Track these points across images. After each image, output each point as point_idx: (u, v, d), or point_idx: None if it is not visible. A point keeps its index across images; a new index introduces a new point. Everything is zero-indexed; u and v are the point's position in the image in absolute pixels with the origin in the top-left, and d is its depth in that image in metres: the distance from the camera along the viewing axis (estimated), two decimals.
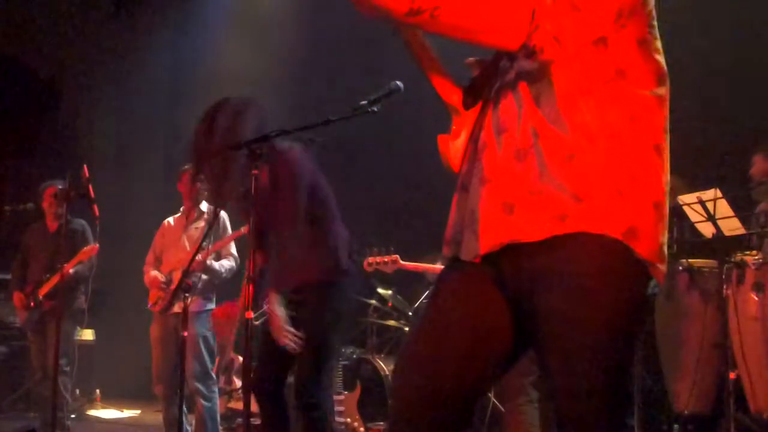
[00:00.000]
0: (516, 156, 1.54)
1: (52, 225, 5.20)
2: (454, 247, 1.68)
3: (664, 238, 1.56)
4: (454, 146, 1.80)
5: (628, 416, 1.51)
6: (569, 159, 1.49)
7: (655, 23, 1.62)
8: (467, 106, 1.76)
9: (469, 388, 1.64)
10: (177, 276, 4.35)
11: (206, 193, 4.43)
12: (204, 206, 4.76)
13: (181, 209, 4.83)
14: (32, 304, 5.05)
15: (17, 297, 5.14)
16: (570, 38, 1.50)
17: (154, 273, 4.60)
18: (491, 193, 1.56)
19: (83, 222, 5.14)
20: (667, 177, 1.58)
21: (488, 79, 1.71)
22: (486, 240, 1.56)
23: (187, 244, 4.66)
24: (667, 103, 1.61)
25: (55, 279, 4.95)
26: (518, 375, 3.38)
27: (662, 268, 1.55)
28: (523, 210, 1.51)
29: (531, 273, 1.52)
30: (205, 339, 4.55)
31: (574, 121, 1.51)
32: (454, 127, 1.81)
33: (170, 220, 4.83)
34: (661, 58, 1.61)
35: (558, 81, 1.53)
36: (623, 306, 1.50)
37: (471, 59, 1.82)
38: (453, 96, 1.81)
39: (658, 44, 1.62)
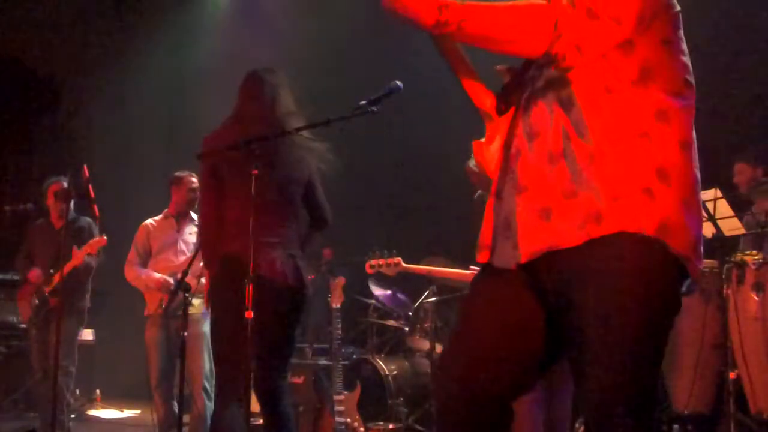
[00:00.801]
0: (549, 160, 1.58)
1: (57, 222, 5.18)
2: (488, 254, 1.71)
3: (699, 233, 1.58)
4: (489, 152, 1.83)
5: (656, 411, 1.57)
6: (597, 161, 1.53)
7: (681, 25, 1.64)
8: (500, 112, 1.80)
9: (507, 390, 1.69)
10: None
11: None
12: (194, 215, 4.77)
13: (164, 212, 4.81)
14: (36, 300, 5.06)
15: (24, 292, 5.14)
16: (591, 46, 1.54)
17: (159, 275, 4.58)
18: (527, 200, 1.60)
19: (89, 219, 5.13)
20: (696, 173, 1.60)
21: (519, 86, 1.75)
22: (526, 248, 1.60)
23: (184, 248, 4.66)
24: (693, 101, 1.63)
25: (56, 277, 4.95)
26: None
27: (698, 264, 1.57)
28: (559, 215, 1.55)
29: (568, 274, 1.55)
30: (207, 338, 4.56)
31: (600, 123, 1.55)
32: (488, 133, 1.84)
33: (152, 222, 4.80)
34: (687, 59, 1.64)
35: (582, 85, 1.58)
36: (655, 303, 1.54)
37: (501, 66, 1.86)
38: (486, 102, 1.85)
39: (684, 46, 1.64)
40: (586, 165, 1.53)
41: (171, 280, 4.50)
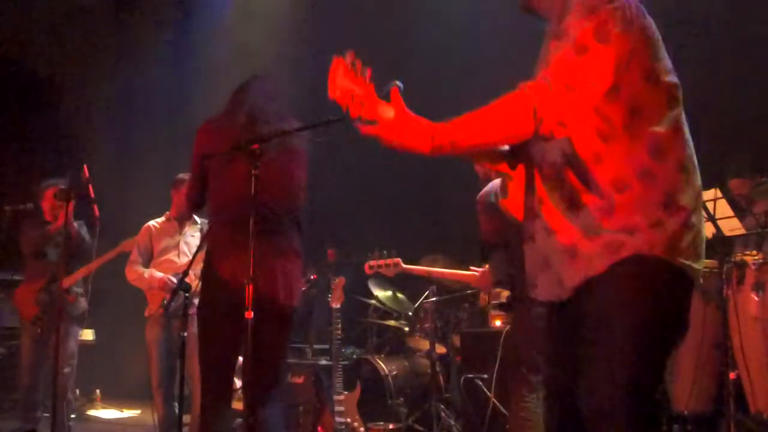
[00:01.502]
0: (569, 208, 1.75)
1: (54, 225, 5.20)
2: (532, 289, 1.91)
3: (693, 238, 1.73)
4: (514, 204, 2.01)
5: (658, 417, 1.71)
6: (608, 209, 1.70)
7: (659, 45, 1.76)
8: (513, 166, 2.00)
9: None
10: None
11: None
12: (197, 218, 4.79)
13: (166, 215, 4.83)
14: (45, 299, 5.09)
15: (25, 291, 5.17)
16: (574, 116, 1.69)
17: (162, 275, 4.59)
18: (558, 242, 1.77)
19: (80, 221, 5.16)
20: (695, 185, 1.76)
21: (525, 144, 1.89)
22: (568, 283, 1.77)
23: (186, 250, 4.67)
24: (682, 118, 1.77)
25: (81, 273, 5.11)
26: (523, 368, 3.40)
27: (696, 265, 1.73)
28: (587, 251, 1.72)
29: (587, 291, 1.74)
30: None
31: (603, 173, 1.71)
32: (510, 192, 2.04)
33: (154, 224, 4.81)
34: (670, 77, 1.75)
35: (580, 140, 1.73)
36: (657, 308, 1.69)
37: None
38: (502, 164, 2.05)
39: (665, 63, 1.75)
40: (600, 214, 1.71)
41: (174, 280, 4.51)
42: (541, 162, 1.84)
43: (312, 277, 5.52)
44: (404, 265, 4.20)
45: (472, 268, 3.89)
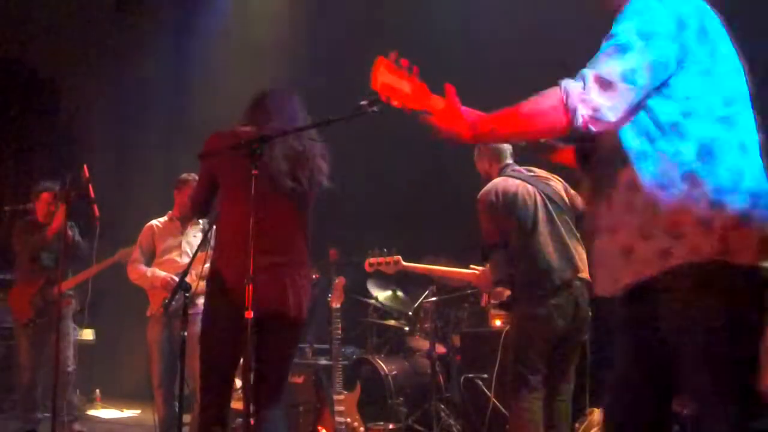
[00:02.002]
0: (626, 209, 1.79)
1: (51, 228, 5.21)
2: (594, 283, 1.98)
3: (750, 236, 1.72)
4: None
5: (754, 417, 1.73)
6: (656, 210, 1.73)
7: (720, 41, 1.78)
8: (581, 161, 2.08)
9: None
10: None
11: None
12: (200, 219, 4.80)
13: (168, 214, 4.83)
14: (40, 302, 5.10)
15: (20, 292, 5.17)
16: (612, 113, 1.72)
17: (165, 274, 4.59)
18: (615, 239, 1.82)
19: (72, 223, 5.19)
20: (753, 180, 1.74)
21: (591, 148, 1.97)
22: (622, 282, 1.83)
23: (188, 250, 4.67)
24: (742, 114, 1.78)
25: (78, 278, 5.19)
26: (522, 368, 3.40)
27: (764, 263, 1.72)
28: (639, 253, 1.77)
29: (654, 302, 1.77)
30: None
31: (650, 176, 1.74)
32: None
33: (157, 223, 4.82)
34: (729, 75, 1.78)
35: (628, 141, 1.78)
36: (721, 313, 1.70)
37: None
38: (569, 158, 2.20)
39: (726, 63, 1.78)
40: (650, 215, 1.75)
41: (176, 279, 4.51)
42: (600, 160, 1.89)
43: (314, 276, 5.52)
44: (404, 263, 4.19)
45: (472, 267, 3.88)
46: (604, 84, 1.71)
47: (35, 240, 5.24)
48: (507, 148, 3.73)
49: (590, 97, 1.71)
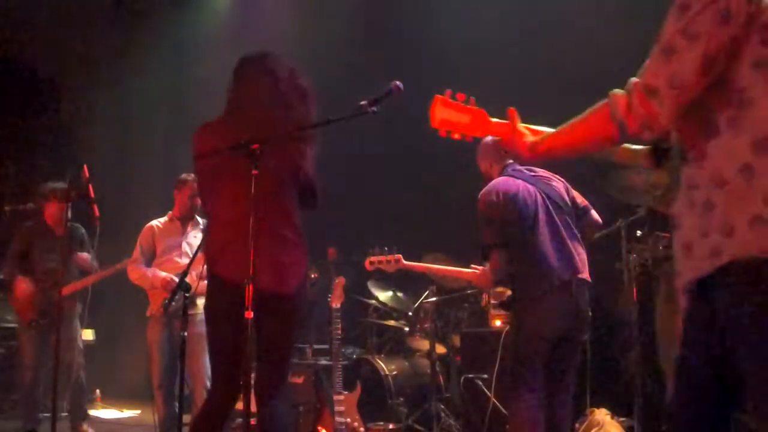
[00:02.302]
0: (689, 205, 1.82)
1: (58, 228, 5.25)
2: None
3: None
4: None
5: None
6: (709, 206, 1.74)
7: None
8: (658, 162, 2.20)
9: None
10: None
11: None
12: (200, 219, 4.81)
13: (168, 214, 4.83)
14: (43, 304, 5.11)
15: (24, 284, 5.19)
16: (659, 119, 1.75)
17: (165, 274, 4.59)
18: (681, 235, 1.87)
19: (77, 225, 5.27)
20: None
21: (667, 147, 2.04)
22: (684, 278, 1.89)
23: (188, 250, 4.68)
24: None
25: (83, 282, 5.24)
26: (522, 368, 3.40)
27: None
28: (697, 250, 1.80)
29: (710, 301, 1.80)
30: None
31: (707, 173, 1.75)
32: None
33: (158, 223, 4.82)
34: None
35: (687, 140, 1.80)
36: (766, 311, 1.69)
37: None
38: (646, 160, 2.25)
39: None
40: (706, 213, 1.75)
41: (177, 279, 4.52)
42: (672, 158, 1.94)
43: (313, 276, 5.52)
44: (405, 262, 4.18)
45: (473, 265, 3.88)
46: (650, 91, 1.74)
47: (44, 243, 5.26)
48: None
49: (636, 107, 1.75)
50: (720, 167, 1.72)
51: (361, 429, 4.87)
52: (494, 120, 2.18)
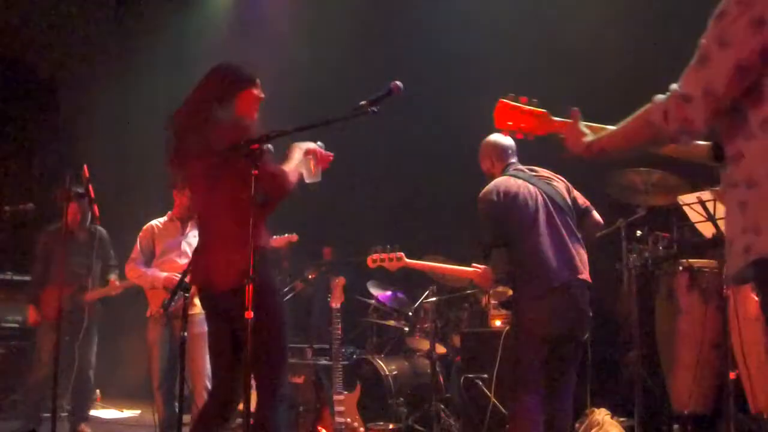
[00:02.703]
0: (730, 206, 1.90)
1: (80, 232, 5.37)
2: None
3: None
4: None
5: None
6: (743, 205, 1.82)
7: None
8: (720, 158, 2.19)
9: None
10: None
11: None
12: None
13: (168, 215, 4.83)
14: (69, 308, 5.21)
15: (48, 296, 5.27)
16: (696, 124, 1.83)
17: (165, 273, 4.59)
18: (726, 232, 1.93)
19: (100, 228, 5.45)
20: None
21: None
22: (727, 273, 1.98)
23: (188, 250, 4.68)
24: None
25: (102, 292, 5.40)
26: (521, 368, 3.40)
27: None
28: (735, 247, 1.86)
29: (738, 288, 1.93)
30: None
31: (741, 172, 1.82)
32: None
33: (157, 223, 4.82)
34: None
35: (728, 141, 1.87)
36: None
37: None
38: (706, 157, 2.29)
39: None
40: (740, 210, 1.83)
41: (177, 278, 4.52)
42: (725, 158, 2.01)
43: (310, 276, 5.53)
44: (407, 260, 4.17)
45: (474, 265, 3.88)
46: (686, 98, 1.82)
47: (66, 245, 5.29)
48: (510, 146, 3.72)
49: (673, 113, 1.84)
50: (753, 168, 1.79)
51: (361, 429, 4.87)
52: (556, 119, 2.31)
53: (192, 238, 4.76)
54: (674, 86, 1.85)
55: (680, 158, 2.37)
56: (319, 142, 3.03)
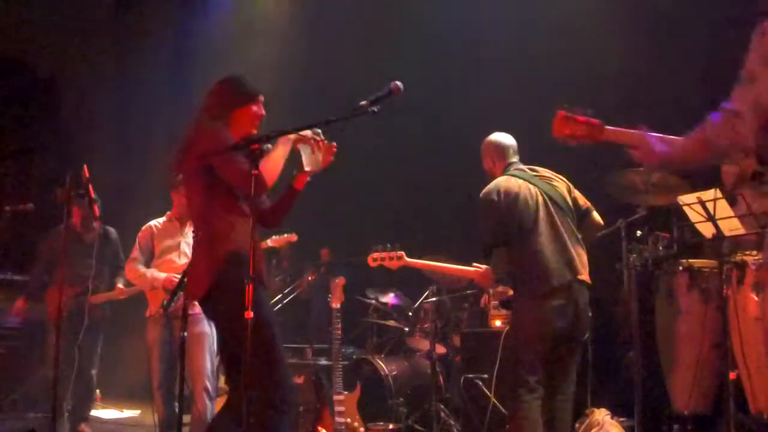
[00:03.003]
0: None
1: (86, 234, 5.35)
2: None
3: None
4: None
5: None
6: None
7: None
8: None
9: None
10: None
11: None
12: None
13: (167, 215, 4.83)
14: (72, 308, 5.20)
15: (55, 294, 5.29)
16: (746, 138, 1.94)
17: (166, 274, 4.59)
18: None
19: (111, 229, 5.47)
20: None
21: None
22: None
23: (187, 251, 4.67)
24: None
25: (108, 296, 5.36)
26: (521, 368, 3.40)
27: None
28: None
29: None
30: (210, 338, 4.56)
31: None
32: None
33: (156, 224, 4.82)
34: None
35: (764, 150, 1.99)
36: None
37: None
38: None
39: None
40: None
41: (176, 279, 4.51)
42: None
43: (309, 277, 5.53)
44: (408, 259, 4.17)
45: (474, 264, 3.88)
46: (735, 115, 1.94)
47: (73, 248, 5.29)
48: (511, 146, 3.72)
49: (724, 129, 1.96)
50: None
51: (361, 429, 4.87)
52: (610, 128, 2.43)
53: (191, 238, 4.76)
54: (725, 104, 1.98)
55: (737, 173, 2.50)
56: (317, 129, 3.02)
